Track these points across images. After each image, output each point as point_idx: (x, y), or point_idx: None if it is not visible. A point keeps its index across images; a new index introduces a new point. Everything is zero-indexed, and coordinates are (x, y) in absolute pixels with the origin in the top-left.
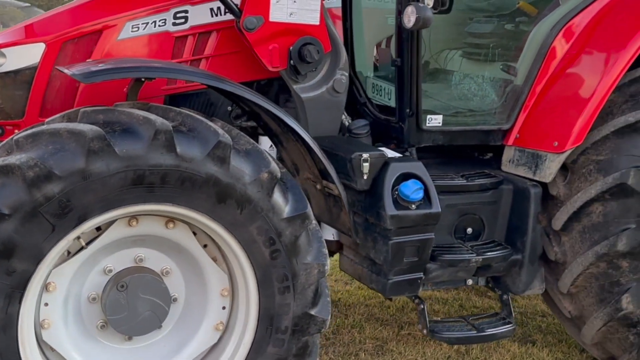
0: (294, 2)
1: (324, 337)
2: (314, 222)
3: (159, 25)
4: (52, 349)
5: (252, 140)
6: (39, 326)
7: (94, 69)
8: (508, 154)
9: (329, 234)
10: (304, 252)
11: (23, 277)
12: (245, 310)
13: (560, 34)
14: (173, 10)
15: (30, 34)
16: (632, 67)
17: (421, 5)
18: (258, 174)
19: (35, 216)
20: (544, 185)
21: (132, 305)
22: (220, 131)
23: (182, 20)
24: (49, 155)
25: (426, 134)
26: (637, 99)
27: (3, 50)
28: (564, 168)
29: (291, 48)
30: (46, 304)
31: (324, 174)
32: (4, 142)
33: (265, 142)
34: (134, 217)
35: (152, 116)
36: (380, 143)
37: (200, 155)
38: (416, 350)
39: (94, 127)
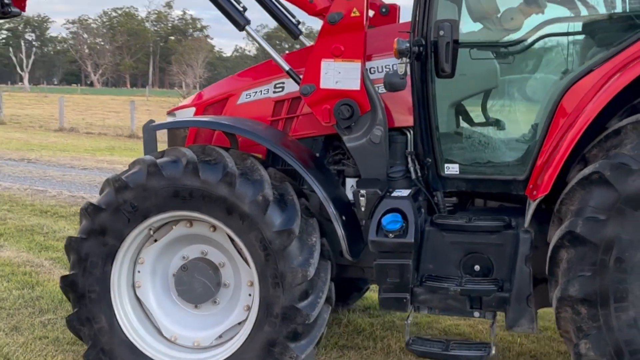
0: (339, 73)
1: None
2: (315, 238)
3: (264, 93)
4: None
5: (263, 172)
6: (135, 286)
7: (165, 122)
8: (527, 203)
9: None
10: (291, 258)
11: (112, 249)
12: (254, 297)
13: (568, 93)
14: (274, 82)
15: (192, 101)
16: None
17: (390, 72)
18: (255, 197)
19: (118, 211)
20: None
21: (190, 282)
22: (230, 164)
23: (280, 89)
24: (132, 173)
25: (449, 181)
26: (609, 154)
27: (175, 112)
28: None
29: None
30: (139, 272)
31: None
32: None
33: (349, 182)
34: (189, 220)
35: (189, 152)
36: (418, 186)
37: (215, 180)
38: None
39: (151, 158)
